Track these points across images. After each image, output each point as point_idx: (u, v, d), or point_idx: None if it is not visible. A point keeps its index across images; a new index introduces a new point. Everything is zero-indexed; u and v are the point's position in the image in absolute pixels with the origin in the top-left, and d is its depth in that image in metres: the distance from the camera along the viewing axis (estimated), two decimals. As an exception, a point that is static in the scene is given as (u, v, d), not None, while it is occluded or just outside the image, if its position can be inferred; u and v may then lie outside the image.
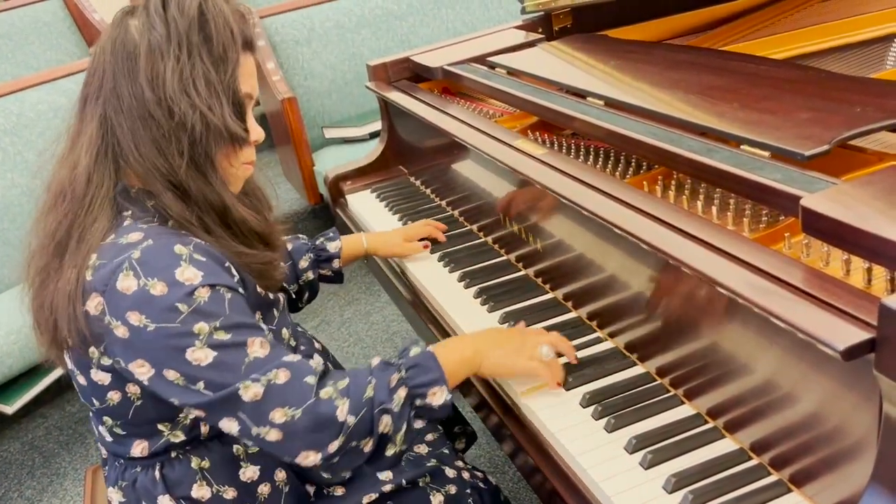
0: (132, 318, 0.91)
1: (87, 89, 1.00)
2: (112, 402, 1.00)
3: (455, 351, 1.06)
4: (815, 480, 0.83)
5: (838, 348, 0.70)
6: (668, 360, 1.04)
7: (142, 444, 1.03)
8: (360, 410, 0.95)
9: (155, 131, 0.95)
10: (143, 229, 0.95)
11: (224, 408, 0.93)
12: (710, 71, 1.33)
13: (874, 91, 1.11)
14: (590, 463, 0.95)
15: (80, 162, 0.98)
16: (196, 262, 0.93)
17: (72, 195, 0.97)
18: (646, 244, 0.98)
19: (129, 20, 0.98)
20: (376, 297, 2.64)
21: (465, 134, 1.45)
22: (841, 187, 0.86)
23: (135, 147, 0.96)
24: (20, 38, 3.32)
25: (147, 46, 0.95)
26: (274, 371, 0.93)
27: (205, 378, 0.92)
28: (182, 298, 0.91)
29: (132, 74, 0.95)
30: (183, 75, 0.95)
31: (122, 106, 0.96)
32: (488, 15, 3.02)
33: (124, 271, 0.91)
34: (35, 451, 2.26)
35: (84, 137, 0.98)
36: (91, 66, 1.00)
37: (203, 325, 0.91)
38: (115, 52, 0.96)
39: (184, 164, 0.96)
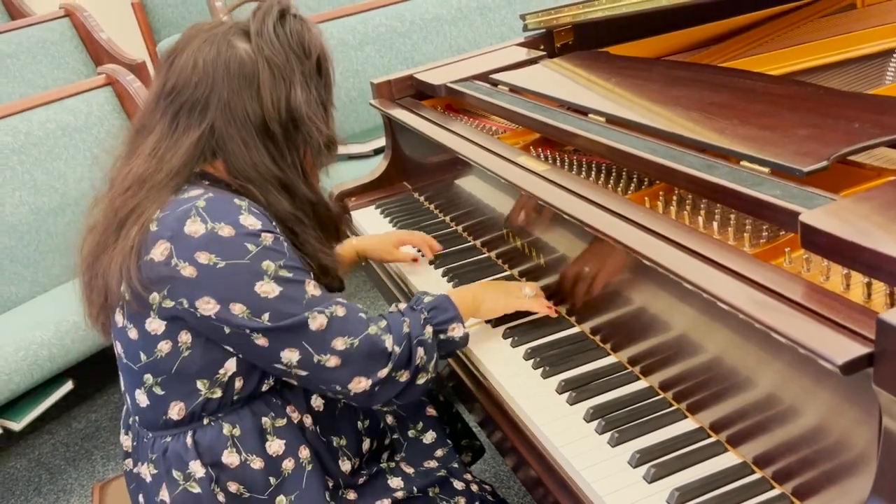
0: (201, 258, 0.99)
1: (183, 99, 1.07)
2: (160, 353, 1.05)
3: (462, 296, 1.21)
4: (816, 494, 0.84)
5: (837, 363, 0.71)
6: (671, 374, 1.04)
7: (178, 404, 1.07)
8: (402, 342, 1.08)
9: (269, 144, 1.08)
10: (204, 186, 1.05)
11: (289, 336, 1.01)
12: (709, 87, 1.35)
13: (872, 107, 1.12)
14: (593, 477, 0.96)
15: (170, 160, 1.05)
16: (253, 213, 1.03)
17: (147, 184, 1.05)
18: (647, 259, 0.99)
19: (237, 42, 1.07)
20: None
21: (468, 150, 1.47)
22: (840, 203, 0.87)
23: (247, 155, 1.07)
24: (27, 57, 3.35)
25: (270, 71, 1.07)
26: (334, 306, 1.04)
27: (271, 309, 1.00)
28: (249, 239, 1.00)
29: (251, 94, 1.06)
30: (308, 99, 1.09)
31: (234, 119, 1.06)
32: (491, 32, 3.04)
33: (192, 217, 1.00)
34: (42, 468, 2.27)
35: (179, 142, 1.06)
36: (189, 78, 1.07)
37: (269, 263, 1.00)
38: (228, 72, 1.06)
39: (298, 170, 1.10)
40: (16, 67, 3.32)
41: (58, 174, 2.45)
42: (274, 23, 1.09)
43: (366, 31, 2.91)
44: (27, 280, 2.40)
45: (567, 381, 1.12)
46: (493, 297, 1.25)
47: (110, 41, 3.40)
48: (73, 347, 2.13)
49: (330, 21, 2.90)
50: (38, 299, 2.38)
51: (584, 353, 1.18)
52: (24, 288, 2.39)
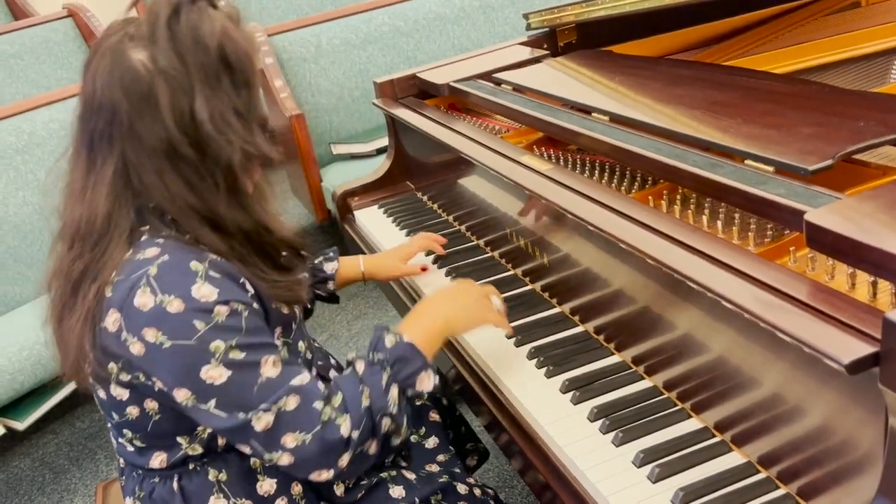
0: (148, 335, 0.91)
1: (92, 127, 0.95)
2: (131, 416, 1.01)
3: (428, 328, 1.08)
4: (822, 494, 0.83)
5: (843, 362, 0.71)
6: (675, 373, 1.04)
7: (160, 455, 1.04)
8: (361, 421, 0.97)
9: (185, 170, 0.94)
10: (160, 244, 0.95)
11: (236, 435, 0.95)
12: (713, 86, 1.34)
13: (877, 105, 1.12)
14: (598, 477, 0.96)
15: (97, 204, 0.95)
16: (211, 278, 0.93)
17: (90, 238, 0.96)
18: (651, 259, 0.99)
19: (132, 52, 0.92)
20: (384, 312, 2.65)
21: (471, 150, 1.47)
22: (845, 201, 0.86)
23: (164, 187, 0.94)
24: (30, 57, 3.36)
25: (167, 85, 0.91)
26: (284, 398, 0.94)
27: (217, 397, 0.92)
28: (199, 315, 0.91)
29: (153, 115, 0.91)
30: (214, 112, 0.92)
31: (143, 146, 0.93)
32: (493, 31, 3.04)
33: (141, 287, 0.91)
34: (45, 468, 2.27)
35: (100, 179, 0.95)
36: (91, 100, 0.94)
37: (219, 344, 0.91)
38: (125, 92, 0.92)
39: (222, 198, 0.96)
40: (19, 67, 3.32)
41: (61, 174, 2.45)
42: (166, 21, 0.92)
43: (369, 31, 2.91)
44: (31, 280, 2.40)
45: (571, 381, 1.12)
46: (465, 314, 1.15)
47: (113, 41, 3.39)
48: (76, 347, 2.13)
49: (333, 21, 2.90)
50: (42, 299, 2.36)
51: (588, 353, 1.18)
52: (28, 288, 2.39)
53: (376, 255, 1.55)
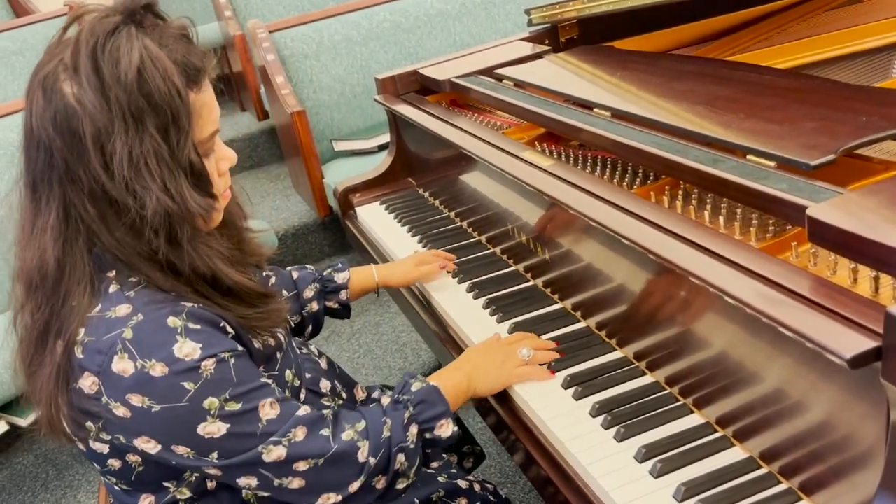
0: (133, 400, 0.86)
1: (33, 166, 0.87)
2: (113, 467, 0.96)
3: (454, 383, 1.09)
4: (824, 489, 0.83)
5: (845, 357, 0.71)
6: (678, 369, 1.04)
7: (149, 497, 1.00)
8: (379, 451, 0.97)
9: (125, 216, 0.86)
10: (130, 298, 0.88)
11: (244, 469, 0.92)
12: (715, 81, 1.34)
13: (880, 100, 1.11)
14: (600, 472, 0.96)
15: (46, 250, 0.87)
16: (192, 332, 0.87)
17: (44, 286, 0.89)
18: (653, 254, 0.99)
19: (63, 86, 0.84)
20: (385, 308, 2.65)
21: (472, 146, 1.46)
22: (847, 196, 0.86)
23: (108, 232, 0.87)
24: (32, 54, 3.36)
25: (91, 125, 0.82)
26: (292, 430, 0.92)
27: (218, 448, 0.89)
28: (186, 376, 0.85)
29: (83, 157, 0.84)
30: (133, 156, 0.83)
31: (83, 190, 0.86)
32: (495, 27, 3.03)
33: (118, 353, 0.85)
34: (49, 464, 2.28)
35: (46, 223, 0.88)
36: (30, 137, 0.87)
37: (213, 401, 0.87)
38: (58, 130, 0.84)
39: (162, 245, 0.87)
40: (21, 65, 3.33)
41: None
42: (92, 50, 0.83)
43: (370, 27, 2.91)
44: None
45: (573, 377, 1.12)
46: (491, 374, 1.12)
47: (114, 38, 3.40)
48: (79, 344, 2.14)
49: (334, 17, 2.90)
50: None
51: (590, 349, 1.18)
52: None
53: (389, 264, 1.52)
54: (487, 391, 1.14)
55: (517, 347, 1.15)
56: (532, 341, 1.18)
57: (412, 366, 2.37)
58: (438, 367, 1.15)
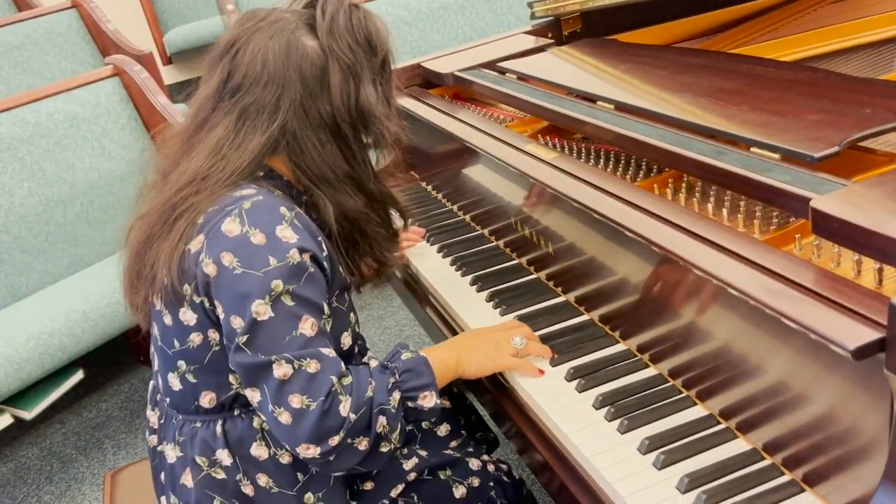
0: (224, 259, 0.98)
1: (252, 98, 1.05)
2: (193, 344, 1.05)
3: (442, 359, 1.13)
4: (827, 480, 0.84)
5: (849, 348, 0.71)
6: (681, 361, 1.04)
7: (210, 394, 1.07)
8: (360, 409, 1.00)
9: (342, 143, 1.08)
10: (256, 187, 1.04)
11: (254, 376, 0.98)
12: (719, 74, 1.34)
13: (884, 92, 1.11)
14: (603, 464, 0.96)
15: (232, 159, 1.04)
16: (295, 226, 1.01)
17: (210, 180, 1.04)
18: (657, 247, 0.99)
19: (307, 40, 1.06)
20: (388, 302, 2.66)
21: (475, 139, 1.46)
22: (851, 188, 0.86)
23: (321, 157, 1.07)
24: (35, 48, 3.36)
25: (340, 70, 1.05)
26: (308, 359, 0.98)
27: (250, 334, 0.97)
28: (275, 252, 0.98)
29: (323, 95, 1.06)
30: (377, 98, 1.08)
31: (307, 121, 1.05)
32: (498, 20, 3.03)
33: (231, 216, 1.00)
34: (53, 457, 2.29)
35: (247, 139, 1.05)
36: (257, 76, 1.05)
37: (279, 283, 0.97)
38: (300, 73, 1.04)
39: (369, 168, 1.12)
40: (23, 59, 3.33)
41: (66, 165, 2.46)
42: (344, 19, 1.07)
43: (372, 21, 2.90)
44: (37, 270, 2.41)
45: (576, 369, 1.12)
46: (482, 357, 1.15)
47: (117, 32, 3.40)
48: (83, 337, 2.14)
49: (336, 10, 2.90)
50: (47, 289, 2.39)
51: (594, 341, 1.18)
52: (34, 278, 2.40)
53: None
54: (475, 373, 1.16)
55: (511, 335, 1.17)
56: (526, 331, 1.19)
57: (415, 359, 2.37)
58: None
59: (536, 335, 1.21)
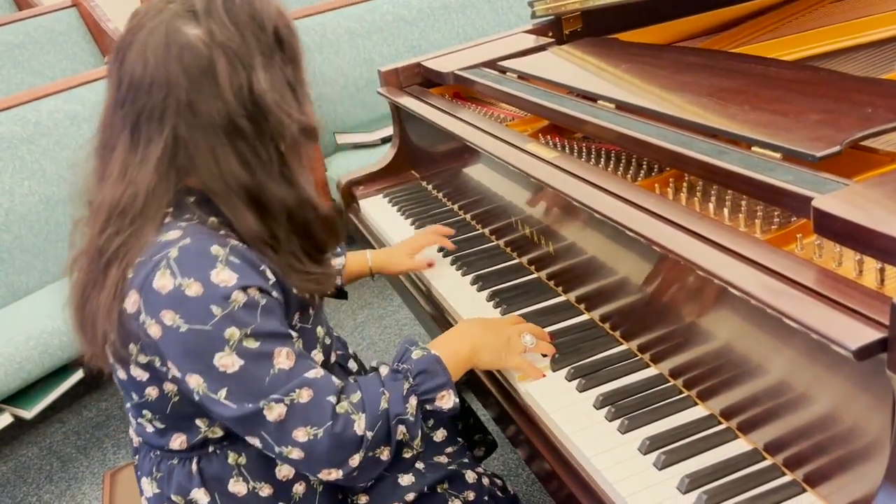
0: (165, 318, 0.91)
1: (139, 106, 0.93)
2: (150, 397, 1.01)
3: (455, 351, 1.09)
4: (828, 480, 0.83)
5: (851, 348, 0.71)
6: (682, 361, 1.04)
7: (180, 437, 1.04)
8: (376, 423, 0.97)
9: (240, 145, 0.94)
10: (182, 227, 0.95)
11: (247, 425, 0.94)
12: (720, 73, 1.33)
13: (886, 91, 1.11)
14: (604, 464, 0.96)
15: (141, 181, 0.94)
16: (231, 263, 0.92)
17: (128, 215, 0.95)
18: (658, 246, 0.99)
19: (187, 29, 0.93)
20: (389, 301, 2.65)
21: (476, 138, 1.46)
22: (853, 188, 0.86)
23: (215, 164, 0.94)
24: (35, 47, 3.36)
25: (226, 58, 0.92)
26: (297, 390, 0.93)
27: (228, 386, 0.92)
28: (217, 301, 0.90)
29: (212, 89, 0.92)
30: (273, 83, 0.94)
31: (199, 122, 0.92)
32: (498, 19, 3.03)
33: (161, 269, 0.91)
34: (53, 456, 2.29)
35: (145, 159, 0.94)
36: (140, 79, 0.93)
37: (234, 331, 0.91)
38: (183, 67, 0.91)
39: (274, 172, 0.96)
40: (24, 58, 3.32)
41: (67, 164, 2.46)
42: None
43: (373, 20, 2.90)
44: (37, 269, 2.41)
45: (577, 369, 1.12)
46: (494, 351, 1.12)
47: (118, 31, 3.39)
48: (83, 336, 2.14)
49: (337, 10, 2.90)
50: (48, 288, 2.39)
51: (594, 341, 1.18)
52: (35, 277, 2.40)
53: (384, 250, 1.53)
54: (489, 365, 1.13)
55: (521, 331, 1.15)
56: (534, 328, 1.18)
57: (415, 359, 2.37)
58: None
59: (545, 331, 1.19)
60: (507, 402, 1.16)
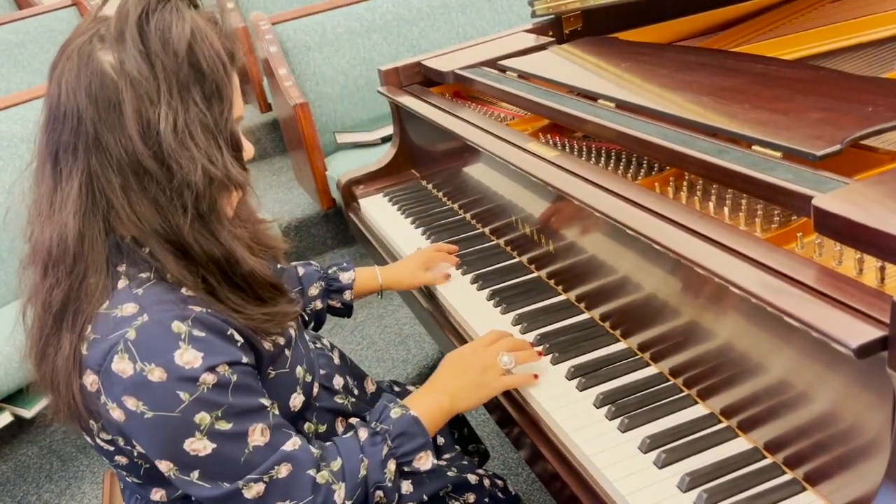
0: (128, 403, 0.84)
1: (57, 136, 0.86)
2: (121, 463, 0.96)
3: (433, 406, 1.05)
4: (829, 479, 0.83)
5: (851, 346, 0.71)
6: (682, 360, 1.04)
7: (160, 491, 0.99)
8: (356, 491, 0.95)
9: (152, 188, 0.85)
10: (138, 297, 0.87)
11: (223, 503, 0.90)
12: (720, 72, 1.33)
13: (886, 90, 1.11)
14: (604, 463, 0.96)
15: (66, 224, 0.86)
16: (196, 340, 0.85)
17: (63, 262, 0.88)
18: (658, 245, 0.99)
19: (101, 54, 0.84)
20: (389, 300, 2.65)
21: (476, 137, 1.46)
22: (853, 187, 0.86)
23: (129, 206, 0.85)
24: (35, 46, 3.36)
25: (132, 92, 0.83)
26: (276, 467, 0.89)
27: (200, 468, 0.87)
28: (183, 386, 0.84)
29: (119, 125, 0.83)
30: (178, 124, 0.83)
31: (110, 160, 0.84)
32: (498, 19, 3.03)
33: (119, 353, 0.84)
34: (53, 455, 2.29)
35: (66, 196, 0.87)
36: (56, 107, 0.85)
37: (204, 416, 0.85)
38: (91, 97, 0.83)
39: (188, 222, 0.86)
40: (23, 57, 3.32)
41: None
42: (136, 21, 0.84)
43: (373, 19, 2.90)
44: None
45: (577, 368, 1.12)
46: (471, 388, 1.09)
47: (117, 30, 3.39)
48: (83, 335, 2.14)
49: (337, 9, 2.90)
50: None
51: (594, 340, 1.18)
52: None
53: (394, 266, 1.49)
54: (469, 406, 1.10)
55: (495, 353, 1.11)
56: (510, 342, 1.14)
57: (415, 357, 2.37)
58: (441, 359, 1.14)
59: (523, 339, 1.16)
60: (509, 402, 1.16)
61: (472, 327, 1.32)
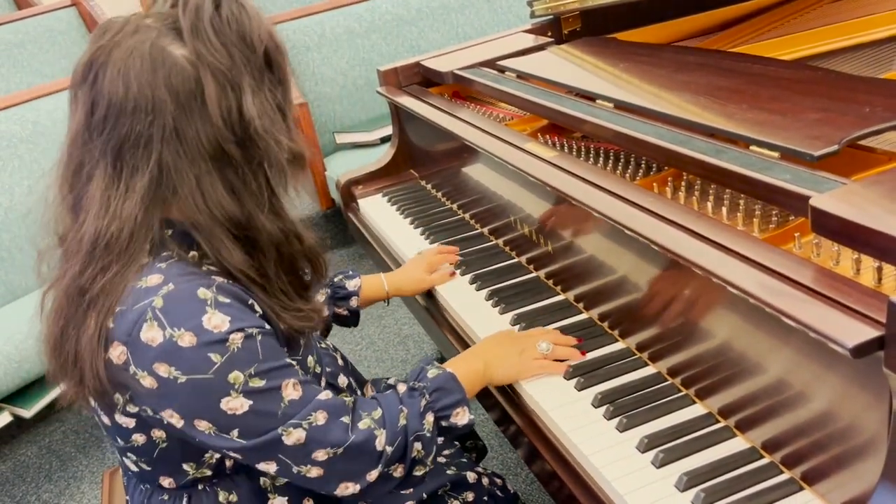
0: (160, 370, 0.86)
1: (124, 131, 0.87)
2: (136, 443, 0.97)
3: (469, 369, 1.10)
4: (826, 478, 0.84)
5: (848, 346, 0.71)
6: (680, 359, 1.04)
7: (168, 479, 1.01)
8: (396, 439, 0.97)
9: (228, 173, 0.89)
10: (162, 269, 0.89)
11: (264, 452, 0.92)
12: (718, 72, 1.34)
13: (884, 91, 1.11)
14: (602, 462, 0.96)
15: (127, 216, 0.88)
16: (222, 305, 0.88)
17: (112, 252, 0.89)
18: (656, 245, 0.99)
19: (173, 49, 0.87)
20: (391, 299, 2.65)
21: (475, 137, 1.46)
22: (850, 187, 0.86)
23: (201, 194, 0.88)
24: (34, 46, 3.36)
25: (214, 80, 0.87)
26: (313, 413, 0.92)
27: (239, 426, 0.89)
28: (213, 348, 0.86)
29: (201, 114, 0.87)
30: (262, 106, 0.89)
31: (187, 150, 0.87)
32: (497, 19, 3.03)
33: (147, 321, 0.86)
34: (52, 455, 2.29)
35: (133, 188, 0.88)
36: (122, 103, 0.87)
37: (237, 374, 0.87)
38: (171, 89, 0.86)
39: (264, 201, 0.91)
40: (23, 57, 3.33)
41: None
42: (210, 15, 0.88)
43: (372, 19, 2.91)
44: (37, 269, 2.40)
45: (575, 368, 1.12)
46: (509, 363, 1.12)
47: (117, 30, 3.39)
48: (82, 335, 2.14)
49: (336, 9, 2.90)
50: (47, 288, 2.39)
51: (593, 340, 1.18)
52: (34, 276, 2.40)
53: (399, 272, 1.50)
54: (504, 379, 1.13)
55: (536, 340, 1.15)
56: (553, 336, 1.17)
57: (414, 358, 2.37)
58: (441, 359, 1.15)
59: (570, 338, 1.18)
60: (507, 401, 1.16)
61: (470, 327, 1.32)
